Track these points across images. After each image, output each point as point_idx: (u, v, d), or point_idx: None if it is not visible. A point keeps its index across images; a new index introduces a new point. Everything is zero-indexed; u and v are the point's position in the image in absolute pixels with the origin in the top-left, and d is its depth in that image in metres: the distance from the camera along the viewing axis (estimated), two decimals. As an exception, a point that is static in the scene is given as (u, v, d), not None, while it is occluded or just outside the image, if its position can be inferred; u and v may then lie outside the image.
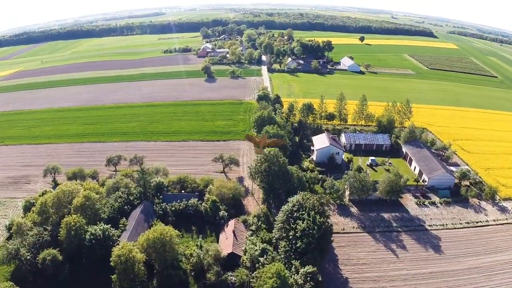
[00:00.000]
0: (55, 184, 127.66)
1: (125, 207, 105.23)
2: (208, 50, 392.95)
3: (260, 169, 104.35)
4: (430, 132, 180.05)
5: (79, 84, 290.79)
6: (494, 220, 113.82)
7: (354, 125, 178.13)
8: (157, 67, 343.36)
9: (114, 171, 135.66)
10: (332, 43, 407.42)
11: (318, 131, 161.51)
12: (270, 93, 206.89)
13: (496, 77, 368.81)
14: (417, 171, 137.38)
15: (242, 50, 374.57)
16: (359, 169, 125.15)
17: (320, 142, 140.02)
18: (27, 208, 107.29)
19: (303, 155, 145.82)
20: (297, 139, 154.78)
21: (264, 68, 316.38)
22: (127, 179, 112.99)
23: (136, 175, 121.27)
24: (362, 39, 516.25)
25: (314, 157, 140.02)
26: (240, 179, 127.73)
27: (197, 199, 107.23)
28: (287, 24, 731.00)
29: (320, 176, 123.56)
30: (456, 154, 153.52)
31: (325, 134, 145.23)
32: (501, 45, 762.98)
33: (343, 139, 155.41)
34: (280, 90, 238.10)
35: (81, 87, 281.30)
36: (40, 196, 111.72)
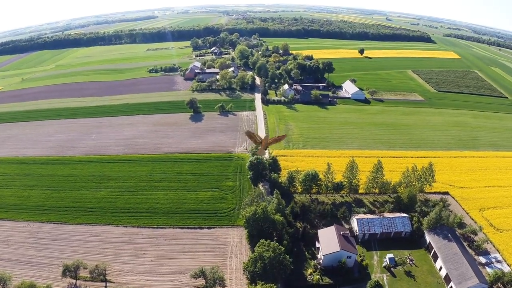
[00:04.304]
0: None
1: None
2: (196, 71, 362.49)
3: None
4: (453, 198, 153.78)
5: (54, 118, 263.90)
6: None
7: (366, 193, 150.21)
8: (141, 94, 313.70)
9: (74, 278, 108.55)
10: (331, 57, 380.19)
11: (325, 215, 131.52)
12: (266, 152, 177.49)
13: (506, 97, 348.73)
14: (443, 273, 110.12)
15: (233, 72, 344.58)
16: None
17: (328, 242, 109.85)
18: None
19: (306, 253, 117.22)
20: (298, 225, 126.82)
21: (258, 97, 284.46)
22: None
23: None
24: (361, 51, 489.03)
25: (320, 260, 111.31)
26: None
27: None
28: (281, 31, 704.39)
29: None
30: (488, 239, 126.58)
31: (334, 228, 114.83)
32: (499, 49, 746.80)
33: (354, 225, 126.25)
34: (276, 134, 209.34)
35: (55, 123, 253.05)
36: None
